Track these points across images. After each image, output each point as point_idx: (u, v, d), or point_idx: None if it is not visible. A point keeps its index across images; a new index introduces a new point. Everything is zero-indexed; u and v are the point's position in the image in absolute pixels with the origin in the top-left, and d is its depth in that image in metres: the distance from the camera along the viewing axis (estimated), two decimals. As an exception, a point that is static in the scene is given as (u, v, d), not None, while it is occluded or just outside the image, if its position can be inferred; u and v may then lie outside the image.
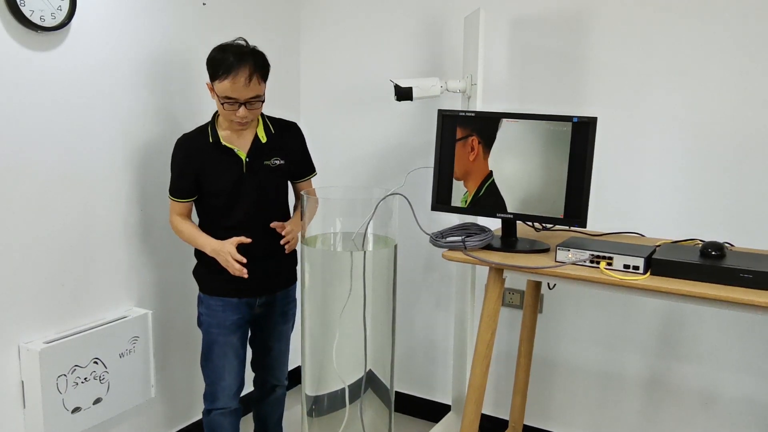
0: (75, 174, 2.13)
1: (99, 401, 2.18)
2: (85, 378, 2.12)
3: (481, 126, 2.02)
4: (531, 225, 2.30)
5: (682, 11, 2.28)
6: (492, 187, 2.01)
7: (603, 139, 2.45)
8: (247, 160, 2.09)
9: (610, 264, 1.78)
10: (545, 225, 2.29)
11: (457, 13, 2.68)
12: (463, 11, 2.66)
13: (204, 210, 2.15)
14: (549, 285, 2.48)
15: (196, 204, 2.16)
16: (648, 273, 1.76)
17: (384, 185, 2.94)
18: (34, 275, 2.04)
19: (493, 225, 2.57)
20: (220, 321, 2.15)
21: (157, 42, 2.36)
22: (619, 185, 2.45)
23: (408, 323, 2.99)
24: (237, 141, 2.10)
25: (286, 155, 2.17)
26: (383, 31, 2.85)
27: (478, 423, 2.05)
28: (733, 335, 2.34)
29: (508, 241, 2.02)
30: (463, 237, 1.97)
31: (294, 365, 3.13)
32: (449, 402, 2.92)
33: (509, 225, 2.05)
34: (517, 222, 2.17)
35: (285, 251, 2.18)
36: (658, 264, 1.74)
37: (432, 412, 2.98)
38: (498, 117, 1.99)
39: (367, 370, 2.00)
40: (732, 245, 2.04)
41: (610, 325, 2.54)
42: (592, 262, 1.81)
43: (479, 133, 2.02)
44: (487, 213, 2.03)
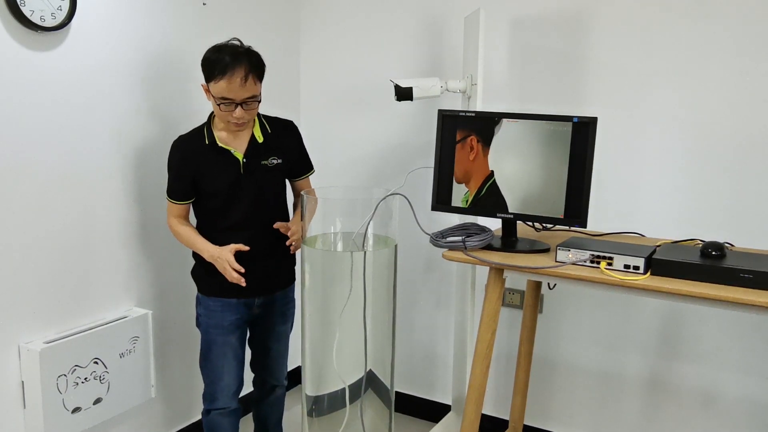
0: (75, 174, 2.13)
1: (99, 401, 2.18)
2: (85, 378, 2.12)
3: (480, 125, 2.02)
4: (531, 225, 2.30)
5: (682, 11, 2.28)
6: (493, 187, 2.01)
7: (603, 139, 2.45)
8: (244, 160, 2.08)
9: (610, 264, 1.78)
10: (545, 225, 2.29)
11: (457, 13, 2.68)
12: (463, 11, 2.66)
13: (202, 211, 2.14)
14: (549, 285, 2.48)
15: (193, 205, 2.16)
16: (648, 273, 1.77)
17: (384, 185, 2.94)
18: (34, 275, 2.04)
19: (493, 225, 2.57)
20: (218, 321, 2.14)
21: (157, 42, 2.36)
22: (619, 185, 2.45)
23: (408, 323, 2.99)
24: (233, 142, 2.09)
25: (283, 154, 2.16)
26: (383, 31, 2.84)
27: (478, 423, 2.05)
28: (734, 335, 2.34)
29: (508, 241, 2.02)
30: (463, 237, 1.97)
31: (294, 365, 3.13)
32: (449, 402, 2.92)
33: (509, 225, 2.05)
34: (517, 222, 2.17)
35: (284, 251, 2.18)
36: (658, 264, 1.75)
37: (432, 412, 2.98)
38: (497, 117, 1.99)
39: (368, 370, 2.00)
40: (732, 245, 2.04)
41: (610, 325, 2.54)
42: (592, 262, 1.81)
43: (477, 132, 2.02)
44: (488, 213, 2.03)
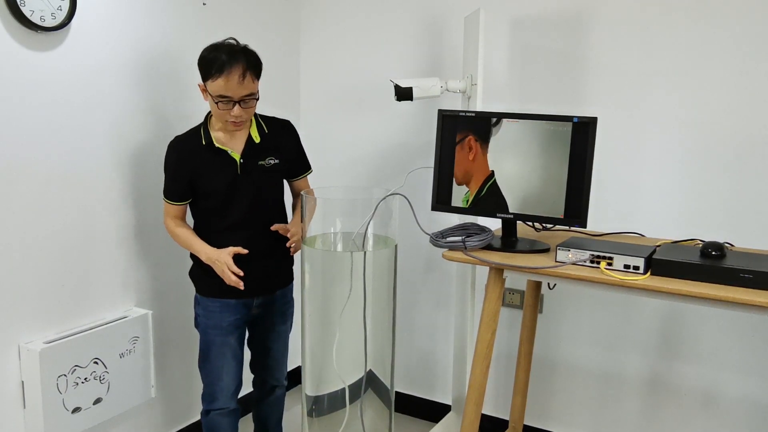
0: (76, 174, 2.13)
1: (99, 401, 2.18)
2: (85, 378, 2.12)
3: (477, 125, 2.02)
4: (531, 225, 2.30)
5: (682, 11, 2.28)
6: (494, 187, 2.01)
7: (603, 139, 2.45)
8: (241, 161, 2.07)
9: (610, 264, 1.78)
10: (545, 225, 2.29)
11: (457, 13, 2.68)
12: (463, 11, 2.66)
13: (199, 212, 2.13)
14: (549, 285, 2.48)
15: (191, 206, 2.15)
16: (648, 273, 1.76)
17: (384, 185, 2.94)
18: (34, 275, 2.04)
19: (493, 225, 2.57)
20: (217, 322, 2.14)
21: (157, 42, 2.36)
22: (619, 185, 2.45)
23: (408, 323, 2.99)
24: (230, 142, 2.08)
25: (280, 154, 2.15)
26: (383, 31, 2.84)
27: (478, 423, 2.05)
28: (733, 335, 2.34)
29: (508, 241, 2.02)
30: (463, 237, 1.97)
31: (294, 365, 3.13)
32: (449, 402, 2.92)
33: (509, 225, 2.05)
34: (517, 222, 2.17)
35: (282, 251, 2.17)
36: (658, 264, 1.74)
37: (432, 412, 2.98)
38: (497, 117, 1.99)
39: (368, 370, 2.00)
40: (732, 245, 2.04)
41: (610, 325, 2.54)
42: (592, 262, 1.81)
43: (475, 132, 2.02)
44: (488, 213, 2.03)
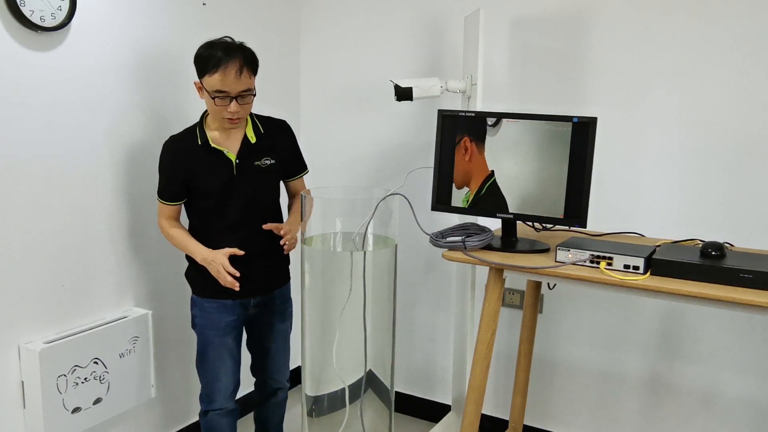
0: (76, 174, 2.13)
1: (99, 401, 2.18)
2: (85, 378, 2.12)
3: (471, 125, 2.02)
4: (531, 225, 2.30)
5: (682, 11, 2.28)
6: (493, 187, 2.01)
7: (603, 139, 2.45)
8: (237, 161, 2.07)
9: (610, 264, 1.78)
10: (545, 225, 2.29)
11: (457, 13, 2.68)
12: (463, 11, 2.66)
13: (194, 212, 2.13)
14: (549, 285, 2.48)
15: (186, 206, 2.14)
16: (648, 273, 1.76)
17: (384, 185, 2.94)
18: (34, 275, 2.04)
19: (493, 225, 2.57)
20: (214, 323, 2.13)
21: (157, 42, 2.36)
22: (619, 185, 2.45)
23: (408, 323, 2.99)
24: (226, 142, 2.07)
25: (276, 154, 2.15)
26: (383, 31, 2.84)
27: (478, 423, 2.05)
28: (733, 335, 2.34)
29: (508, 241, 2.02)
30: (463, 237, 1.97)
31: (294, 365, 3.13)
32: (449, 402, 2.92)
33: (509, 225, 2.05)
34: (517, 222, 2.17)
35: (278, 251, 2.16)
36: (658, 264, 1.74)
37: (432, 412, 2.98)
38: (495, 117, 1.99)
39: (367, 370, 2.00)
40: (732, 245, 2.04)
41: (610, 325, 2.54)
42: (592, 262, 1.81)
43: (469, 132, 2.03)
44: (488, 213, 2.03)
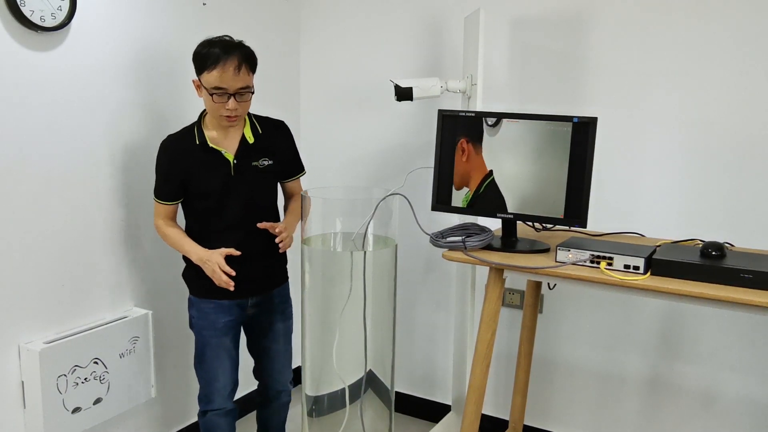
0: (76, 174, 2.13)
1: (99, 401, 2.18)
2: (85, 378, 2.12)
3: (467, 126, 2.02)
4: (531, 225, 2.30)
5: (682, 11, 2.28)
6: (492, 186, 2.01)
7: (603, 139, 2.45)
8: (235, 161, 2.06)
9: (610, 264, 1.78)
10: (545, 225, 2.29)
11: (457, 13, 2.68)
12: (463, 11, 2.66)
13: (191, 212, 2.12)
14: (549, 285, 2.48)
15: (183, 206, 2.14)
16: (648, 273, 1.76)
17: (384, 185, 2.94)
18: (34, 275, 2.04)
19: (493, 225, 2.57)
20: (212, 323, 2.13)
21: (157, 42, 2.36)
22: (619, 185, 2.45)
23: (408, 323, 2.99)
24: (224, 142, 2.07)
25: (274, 155, 2.14)
26: (383, 31, 2.84)
27: (478, 423, 2.05)
28: (733, 335, 2.34)
29: (508, 241, 2.02)
30: (463, 237, 1.97)
31: (294, 365, 3.13)
32: (449, 402, 2.92)
33: (509, 225, 2.05)
34: (517, 222, 2.17)
35: (275, 251, 2.16)
36: (658, 264, 1.74)
37: (432, 412, 2.98)
38: (495, 117, 1.99)
39: (367, 370, 2.00)
40: (732, 245, 2.04)
41: (610, 325, 2.54)
42: (592, 262, 1.81)
43: (466, 134, 2.03)
44: (488, 213, 2.03)
